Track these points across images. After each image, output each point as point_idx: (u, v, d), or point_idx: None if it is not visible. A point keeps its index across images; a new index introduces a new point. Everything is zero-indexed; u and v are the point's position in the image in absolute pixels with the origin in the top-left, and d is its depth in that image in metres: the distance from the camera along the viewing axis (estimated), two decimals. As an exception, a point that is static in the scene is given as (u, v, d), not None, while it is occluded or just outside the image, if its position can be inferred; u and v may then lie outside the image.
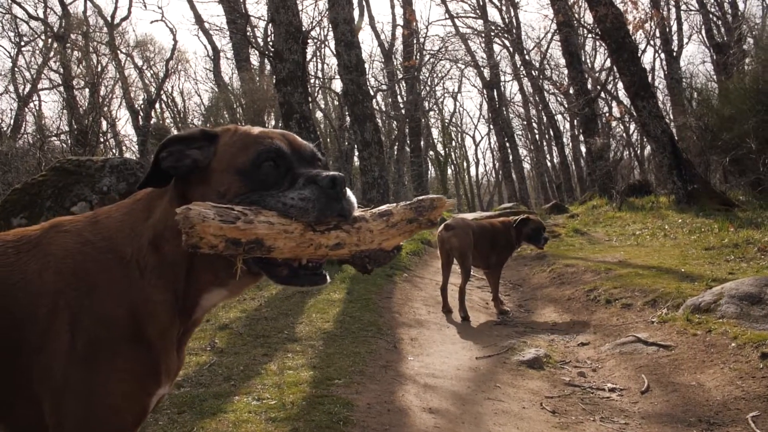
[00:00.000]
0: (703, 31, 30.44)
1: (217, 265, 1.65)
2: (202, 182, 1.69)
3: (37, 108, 33.31)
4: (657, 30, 27.48)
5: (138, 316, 1.63)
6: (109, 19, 33.73)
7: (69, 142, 24.96)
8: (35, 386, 1.59)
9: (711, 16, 28.78)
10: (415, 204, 1.73)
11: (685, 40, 36.23)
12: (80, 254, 1.66)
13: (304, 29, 12.03)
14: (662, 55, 31.04)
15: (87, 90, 29.56)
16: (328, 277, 1.68)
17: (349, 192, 1.63)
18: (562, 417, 4.12)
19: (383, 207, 1.72)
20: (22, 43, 32.70)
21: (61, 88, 30.27)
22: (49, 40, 31.57)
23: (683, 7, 31.12)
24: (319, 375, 4.51)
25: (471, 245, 7.66)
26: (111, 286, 1.64)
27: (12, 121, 30.05)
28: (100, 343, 1.59)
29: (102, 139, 29.18)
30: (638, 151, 34.59)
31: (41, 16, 32.40)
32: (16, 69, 32.45)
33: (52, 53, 31.10)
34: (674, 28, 30.72)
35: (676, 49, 30.14)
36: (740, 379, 4.23)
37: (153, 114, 34.19)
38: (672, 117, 26.44)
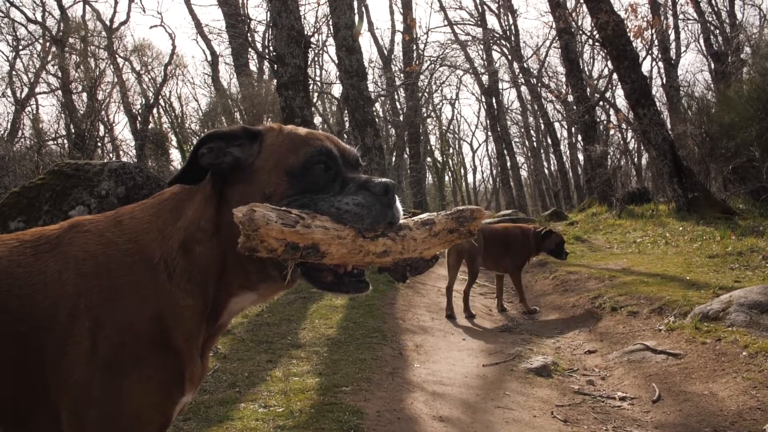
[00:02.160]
0: (701, 40, 30.53)
1: (250, 268, 1.60)
2: (244, 181, 1.62)
3: (35, 112, 33.23)
4: (656, 38, 27.53)
5: (164, 321, 1.56)
6: (107, 23, 33.68)
7: (67, 146, 24.87)
8: (53, 394, 1.51)
9: (709, 25, 28.87)
10: (456, 214, 1.72)
11: (683, 49, 36.44)
12: (103, 256, 1.58)
13: (305, 34, 11.98)
14: (660, 64, 31.09)
15: (85, 94, 29.49)
16: (370, 285, 1.65)
17: (397, 200, 1.61)
18: (575, 426, 4.05)
19: (424, 215, 1.71)
20: (20, 47, 32.61)
21: (59, 92, 30.19)
22: (48, 43, 31.52)
23: (681, 16, 31.24)
24: (326, 382, 4.44)
25: (481, 248, 7.81)
26: (136, 289, 1.56)
27: (9, 125, 29.98)
28: (123, 349, 1.51)
29: (99, 144, 29.07)
30: (635, 159, 34.66)
31: (39, 19, 32.34)
32: (13, 72, 32.36)
33: (50, 57, 31.04)
34: (672, 36, 30.81)
35: (674, 57, 30.22)
36: (754, 388, 4.17)
37: (151, 119, 34.09)
38: (670, 125, 26.51)
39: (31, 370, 1.51)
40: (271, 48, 14.18)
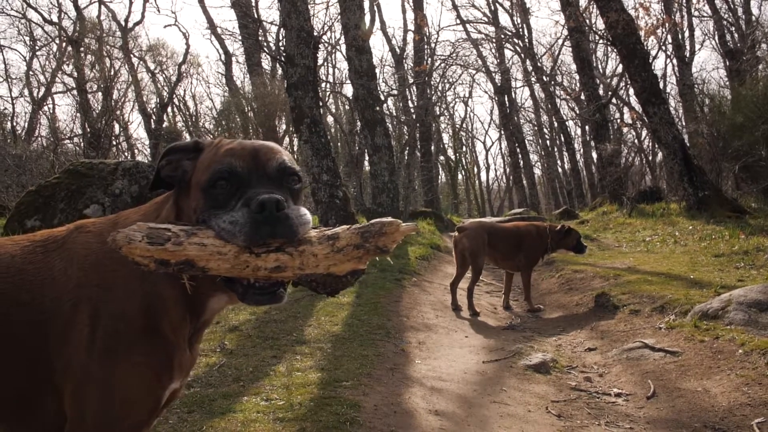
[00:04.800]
0: (716, 37, 30.26)
1: None
2: (186, 194, 1.76)
3: (51, 111, 33.69)
4: (669, 36, 27.38)
5: (151, 311, 1.71)
6: (122, 23, 34.04)
7: (82, 145, 25.20)
8: (57, 377, 1.69)
9: (724, 22, 28.61)
10: (363, 228, 1.62)
11: (698, 46, 36.09)
12: (101, 252, 1.75)
13: (315, 34, 12.11)
14: (674, 61, 30.93)
15: (100, 93, 29.83)
16: (283, 297, 1.67)
17: (293, 213, 1.60)
18: (567, 421, 4.15)
19: (337, 229, 1.65)
20: (37, 47, 33.12)
21: (75, 92, 30.58)
22: (63, 44, 31.94)
23: (695, 12, 30.99)
24: (327, 377, 4.56)
25: (483, 246, 8.06)
26: (126, 282, 1.72)
27: (26, 124, 30.44)
28: (117, 336, 1.68)
29: (114, 143, 29.45)
30: (650, 158, 34.45)
31: (55, 20, 32.82)
32: (30, 73, 32.86)
33: (66, 57, 31.46)
34: (687, 34, 30.60)
35: (688, 55, 30.01)
36: (746, 385, 4.24)
37: (165, 117, 34.43)
38: (684, 123, 26.37)
39: (41, 357, 1.69)
40: (282, 48, 14.32)
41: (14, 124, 30.51)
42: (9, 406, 1.74)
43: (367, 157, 17.81)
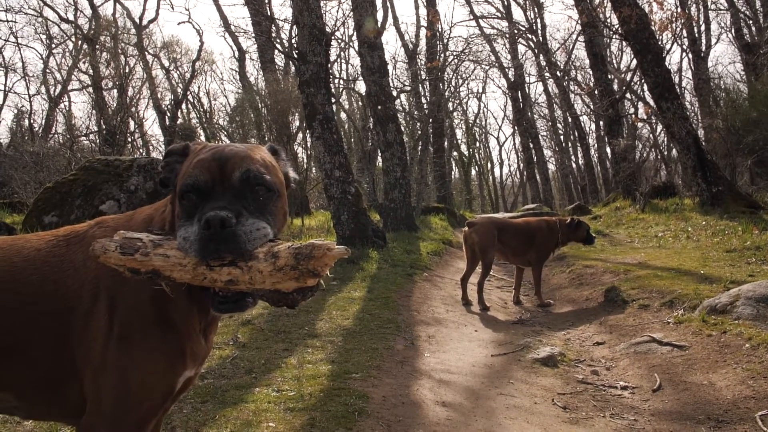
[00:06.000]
0: (733, 31, 29.92)
1: None
2: (175, 197, 1.82)
3: (67, 108, 34.10)
4: (684, 30, 27.15)
5: (161, 301, 1.80)
6: (137, 20, 34.35)
7: (98, 141, 25.51)
8: (78, 363, 1.80)
9: (741, 15, 28.30)
10: (297, 250, 1.58)
11: (714, 40, 35.84)
12: None
13: (327, 31, 12.18)
14: (690, 55, 30.63)
15: (115, 91, 30.17)
16: (248, 305, 1.71)
17: (243, 229, 1.61)
18: (573, 413, 4.21)
19: (281, 246, 1.62)
20: (53, 45, 33.53)
21: (91, 89, 30.94)
22: (79, 41, 32.28)
23: (712, 6, 30.69)
24: (337, 369, 4.65)
25: (493, 241, 8.17)
26: None
27: (43, 122, 30.86)
28: (132, 325, 1.79)
29: (130, 140, 29.75)
30: (665, 153, 34.23)
31: (71, 18, 33.17)
32: (47, 70, 33.27)
33: (81, 55, 31.79)
34: (702, 27, 30.31)
35: (704, 49, 29.74)
36: (752, 379, 4.28)
37: (179, 114, 34.71)
38: (699, 118, 26.15)
39: (63, 344, 1.81)
40: (294, 45, 14.42)
41: (31, 121, 30.98)
42: (35, 390, 1.85)
43: (379, 154, 17.87)
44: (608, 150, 28.21)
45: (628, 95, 28.79)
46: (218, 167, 1.71)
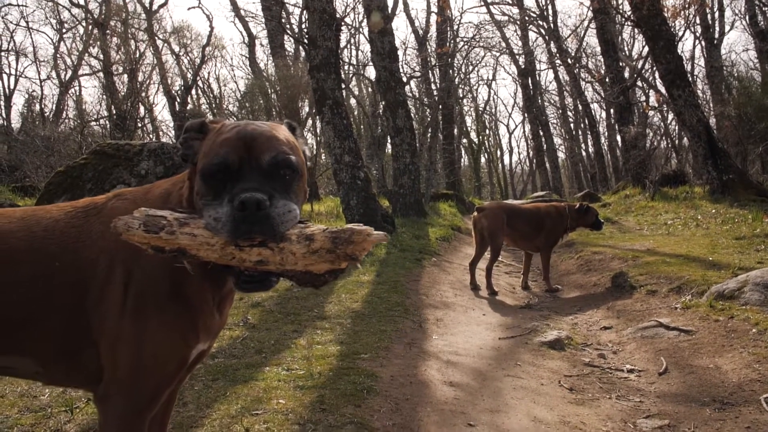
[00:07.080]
0: (747, 17, 29.58)
1: None
2: (194, 174, 1.83)
3: (78, 93, 34.25)
4: (697, 17, 26.87)
5: (176, 274, 1.84)
6: (147, 5, 34.39)
7: (108, 126, 25.62)
8: (95, 333, 1.85)
9: (756, 1, 27.95)
10: (335, 234, 1.63)
11: (728, 27, 35.43)
12: None
13: (338, 16, 12.17)
14: (702, 43, 30.35)
15: (126, 76, 30.25)
16: (272, 284, 1.73)
17: (276, 211, 1.64)
18: (579, 394, 4.26)
19: (315, 229, 1.66)
20: (64, 30, 33.67)
21: (101, 74, 31.04)
22: (90, 26, 32.37)
23: (726, -8, 30.31)
24: (346, 350, 4.71)
25: (502, 226, 8.24)
26: None
27: (54, 106, 31.03)
28: (146, 297, 1.83)
29: (140, 124, 29.85)
30: (676, 141, 34.00)
31: (82, 3, 33.22)
32: (58, 55, 33.40)
33: (92, 40, 31.88)
34: (717, 15, 29.99)
35: (717, 36, 29.45)
36: (757, 362, 4.31)
37: (189, 100, 34.81)
38: (711, 106, 25.95)
39: (80, 313, 1.85)
40: (304, 30, 14.40)
41: (42, 106, 31.14)
42: (54, 358, 1.90)
43: (389, 139, 17.87)
44: (618, 138, 28.05)
45: (639, 83, 28.59)
46: (245, 147, 1.72)
